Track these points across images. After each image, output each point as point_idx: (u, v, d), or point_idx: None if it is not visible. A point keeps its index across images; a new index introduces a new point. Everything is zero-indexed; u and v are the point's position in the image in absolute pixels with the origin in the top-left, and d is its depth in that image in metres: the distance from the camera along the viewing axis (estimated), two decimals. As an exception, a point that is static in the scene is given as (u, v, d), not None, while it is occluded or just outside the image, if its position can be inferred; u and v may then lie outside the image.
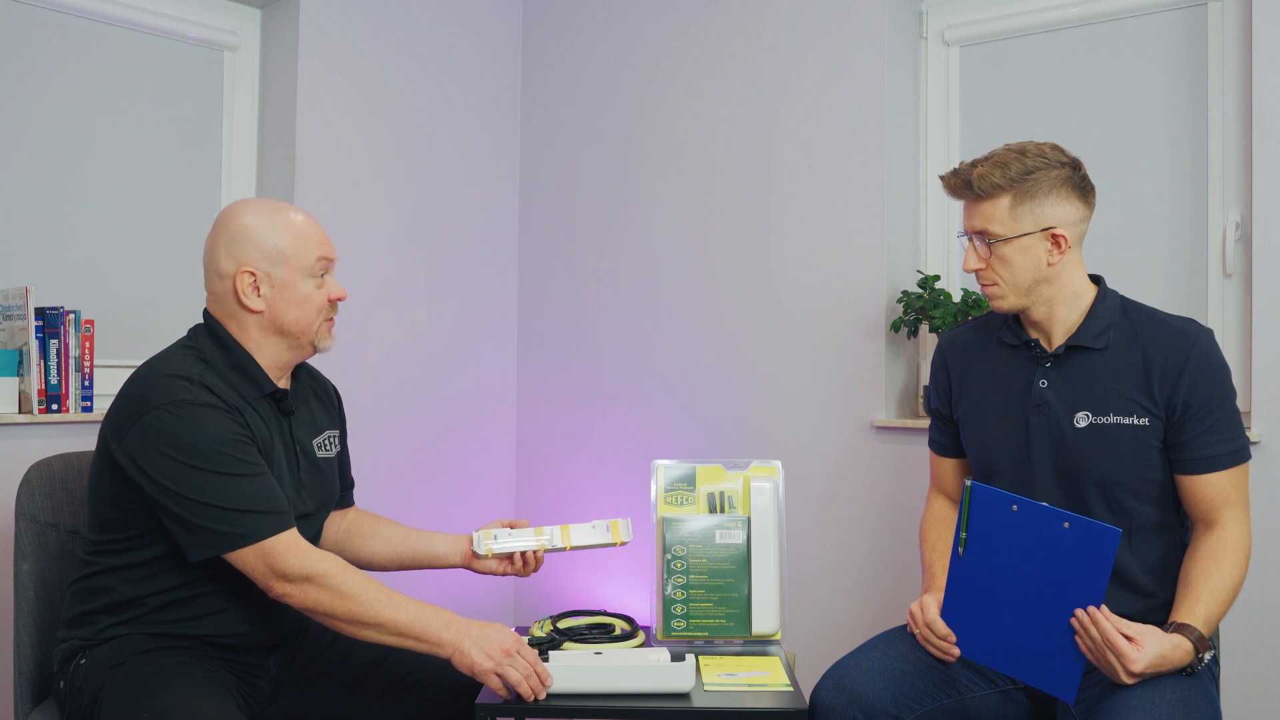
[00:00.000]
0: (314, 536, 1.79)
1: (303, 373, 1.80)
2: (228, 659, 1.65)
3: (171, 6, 2.55)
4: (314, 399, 1.83)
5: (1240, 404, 2.14)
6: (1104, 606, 1.44)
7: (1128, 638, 1.44)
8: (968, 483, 1.52)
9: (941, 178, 1.73)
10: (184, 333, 1.73)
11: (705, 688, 1.72)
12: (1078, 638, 1.45)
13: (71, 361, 2.23)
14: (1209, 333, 1.64)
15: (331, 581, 1.54)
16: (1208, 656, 1.49)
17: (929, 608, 1.64)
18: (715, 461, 2.08)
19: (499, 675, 1.56)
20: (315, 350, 1.72)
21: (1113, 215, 2.35)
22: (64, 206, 2.41)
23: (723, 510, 2.03)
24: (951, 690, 1.65)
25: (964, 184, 1.67)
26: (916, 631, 1.66)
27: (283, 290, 1.66)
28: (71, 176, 2.42)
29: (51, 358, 2.21)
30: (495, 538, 1.87)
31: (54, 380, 2.22)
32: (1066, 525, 1.42)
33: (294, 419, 1.74)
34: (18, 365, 2.19)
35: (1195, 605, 1.52)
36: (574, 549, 1.89)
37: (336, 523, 1.93)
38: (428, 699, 1.77)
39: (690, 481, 2.06)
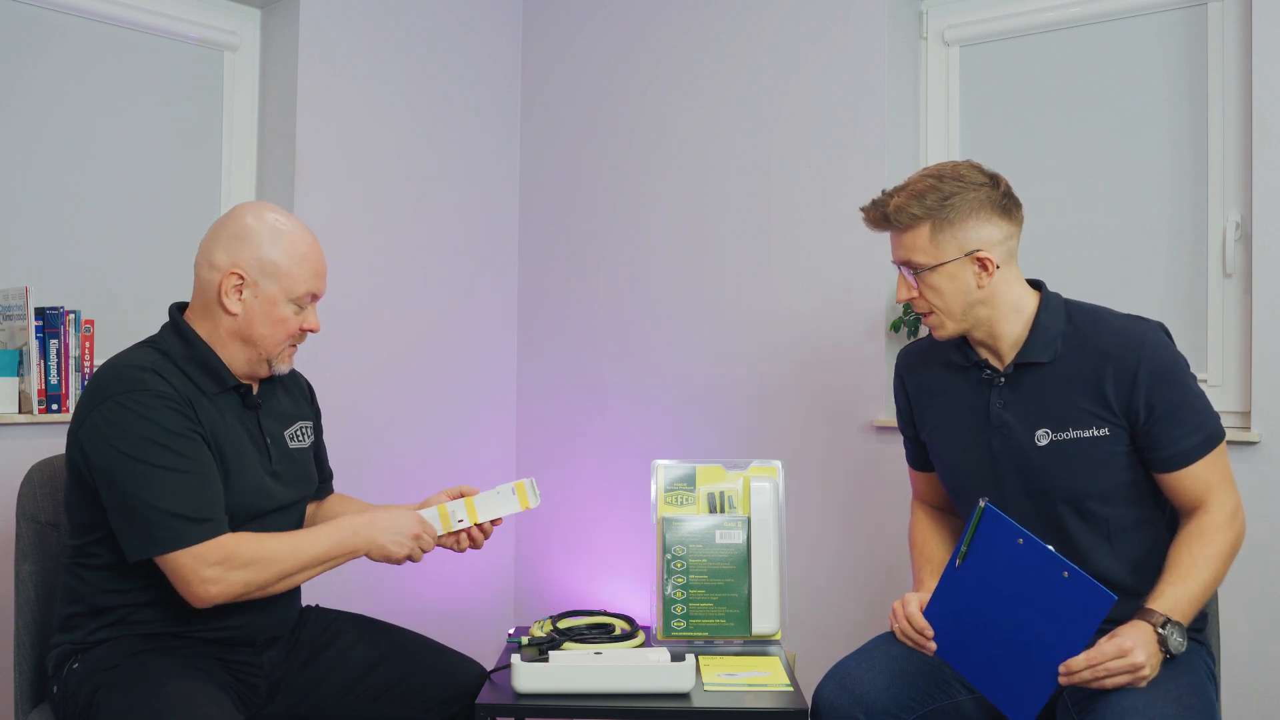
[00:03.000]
0: (295, 524, 1.79)
1: None
2: (221, 657, 1.65)
3: (171, 6, 2.55)
4: (282, 392, 1.82)
5: (1240, 404, 2.16)
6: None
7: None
8: (982, 503, 1.51)
9: (862, 210, 1.70)
10: None
11: (705, 688, 1.73)
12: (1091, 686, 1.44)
13: (71, 361, 2.23)
14: (1157, 328, 1.62)
15: (246, 558, 1.55)
16: (1174, 633, 1.46)
17: (910, 603, 1.63)
18: (715, 461, 2.08)
19: (411, 557, 1.70)
20: (271, 370, 1.72)
21: (1113, 215, 2.35)
22: (64, 206, 2.41)
23: (723, 510, 2.03)
24: (952, 691, 1.65)
25: (882, 217, 1.66)
26: (896, 626, 1.65)
27: (263, 304, 1.66)
28: (71, 176, 2.42)
29: (51, 358, 2.21)
30: None
31: (54, 380, 2.22)
32: (1065, 575, 1.42)
33: (261, 412, 1.74)
34: (18, 365, 2.19)
35: (1164, 588, 1.51)
36: (485, 524, 1.81)
37: (312, 511, 1.93)
38: (426, 700, 1.77)
39: (690, 481, 2.06)
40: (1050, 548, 1.45)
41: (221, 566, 1.53)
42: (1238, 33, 2.19)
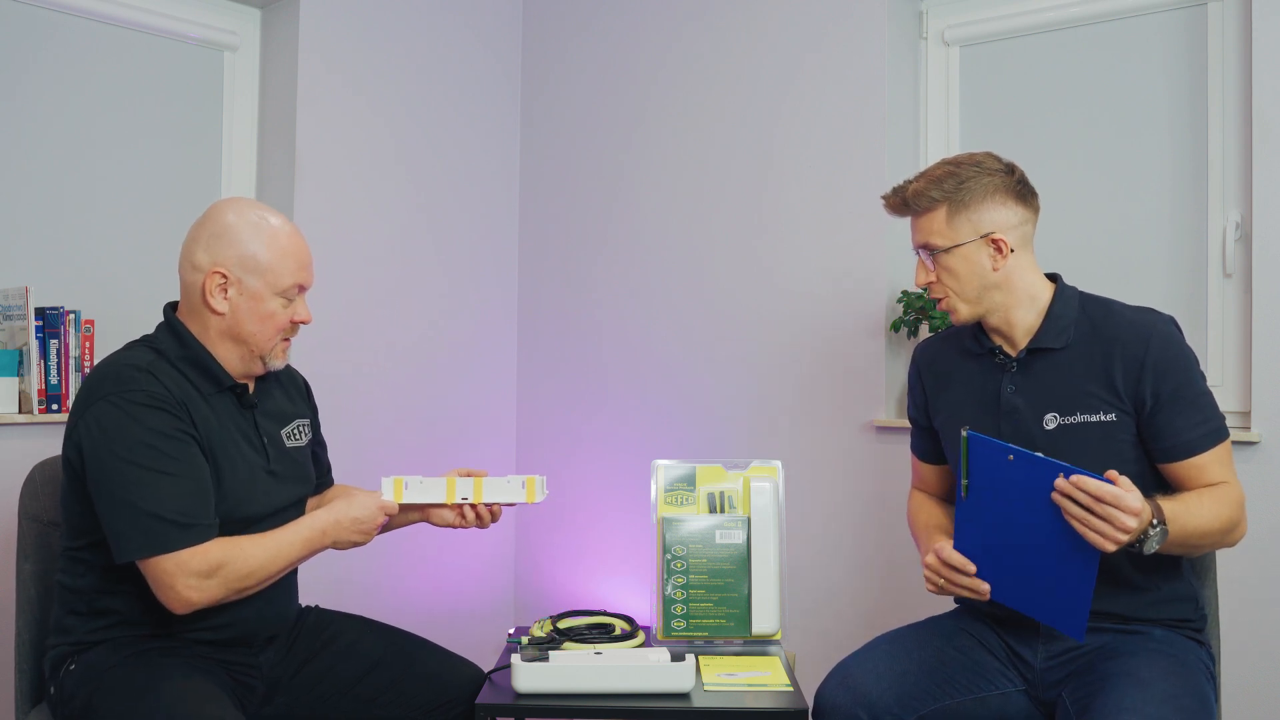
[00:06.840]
0: None
1: None
2: (219, 657, 1.64)
3: (171, 6, 2.55)
4: (278, 390, 1.81)
5: (1240, 404, 2.16)
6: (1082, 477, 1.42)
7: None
8: (964, 432, 1.54)
9: (883, 197, 1.76)
10: None
11: (705, 688, 1.73)
12: (1067, 515, 1.42)
13: (71, 361, 2.23)
14: (1168, 320, 1.64)
15: (234, 570, 1.54)
16: (1155, 532, 1.45)
17: (941, 550, 1.60)
18: (715, 461, 2.08)
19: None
20: (265, 367, 1.70)
21: (1113, 215, 2.35)
22: (64, 206, 2.41)
23: (723, 510, 2.03)
24: (953, 691, 1.65)
25: (902, 202, 1.72)
26: (940, 581, 1.61)
27: (249, 300, 1.64)
28: (71, 176, 2.42)
29: (51, 358, 2.21)
30: (406, 486, 1.78)
31: (54, 380, 2.22)
32: (1062, 477, 1.43)
33: (258, 411, 1.73)
34: (18, 365, 2.19)
35: (1168, 501, 1.50)
36: (487, 505, 1.79)
37: (313, 505, 1.90)
38: (425, 702, 1.76)
39: (690, 481, 2.06)
40: (1039, 454, 1.47)
41: (201, 575, 1.51)
42: (1238, 33, 2.19)
